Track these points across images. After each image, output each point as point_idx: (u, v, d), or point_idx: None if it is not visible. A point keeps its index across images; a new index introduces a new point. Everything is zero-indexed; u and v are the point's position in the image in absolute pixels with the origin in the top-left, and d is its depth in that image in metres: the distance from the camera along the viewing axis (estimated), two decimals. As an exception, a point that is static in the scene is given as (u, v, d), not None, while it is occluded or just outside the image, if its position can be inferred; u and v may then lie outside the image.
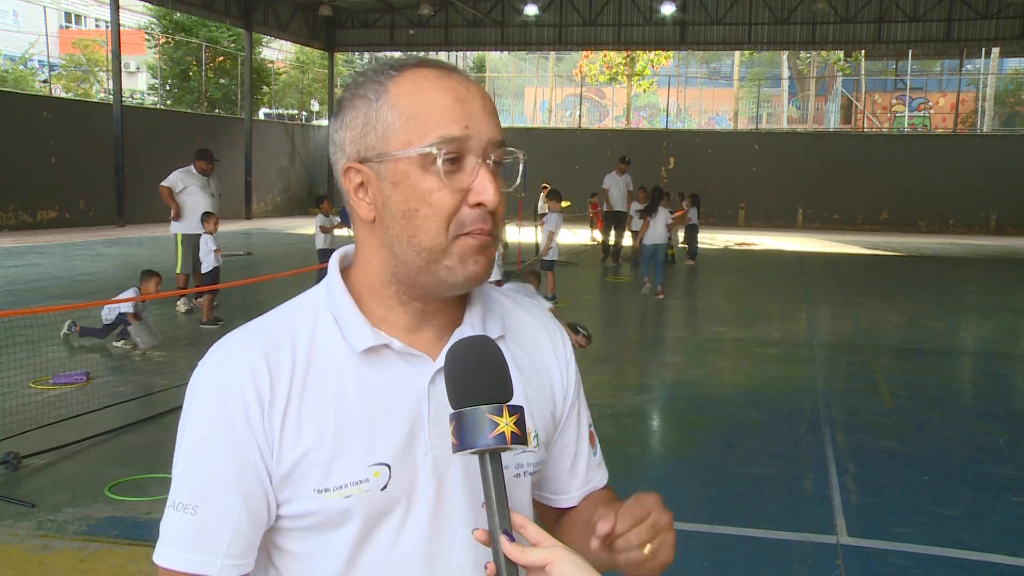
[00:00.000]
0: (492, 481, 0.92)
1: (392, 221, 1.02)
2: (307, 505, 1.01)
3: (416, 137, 0.99)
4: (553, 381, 1.18)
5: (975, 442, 5.86)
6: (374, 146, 1.02)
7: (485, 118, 1.01)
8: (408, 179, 1.00)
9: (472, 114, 1.00)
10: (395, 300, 1.06)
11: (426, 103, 1.00)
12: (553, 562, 0.88)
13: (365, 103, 1.03)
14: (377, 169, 1.02)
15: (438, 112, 0.99)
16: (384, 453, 1.01)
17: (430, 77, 1.02)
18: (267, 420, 1.00)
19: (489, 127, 1.01)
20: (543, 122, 39.93)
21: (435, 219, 0.99)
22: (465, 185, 0.99)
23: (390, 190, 1.01)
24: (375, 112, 1.02)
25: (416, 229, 1.00)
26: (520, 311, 1.20)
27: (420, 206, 1.00)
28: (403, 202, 1.01)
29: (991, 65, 35.06)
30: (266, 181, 29.53)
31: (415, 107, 1.00)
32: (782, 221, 29.95)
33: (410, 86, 1.01)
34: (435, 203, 0.99)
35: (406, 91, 1.01)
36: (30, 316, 8.29)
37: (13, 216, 20.39)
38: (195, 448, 1.01)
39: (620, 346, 9.20)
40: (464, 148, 0.99)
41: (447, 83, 1.02)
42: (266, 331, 1.05)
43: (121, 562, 3.69)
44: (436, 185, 0.99)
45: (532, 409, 1.11)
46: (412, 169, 0.99)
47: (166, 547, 1.01)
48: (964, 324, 11.47)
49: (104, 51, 30.97)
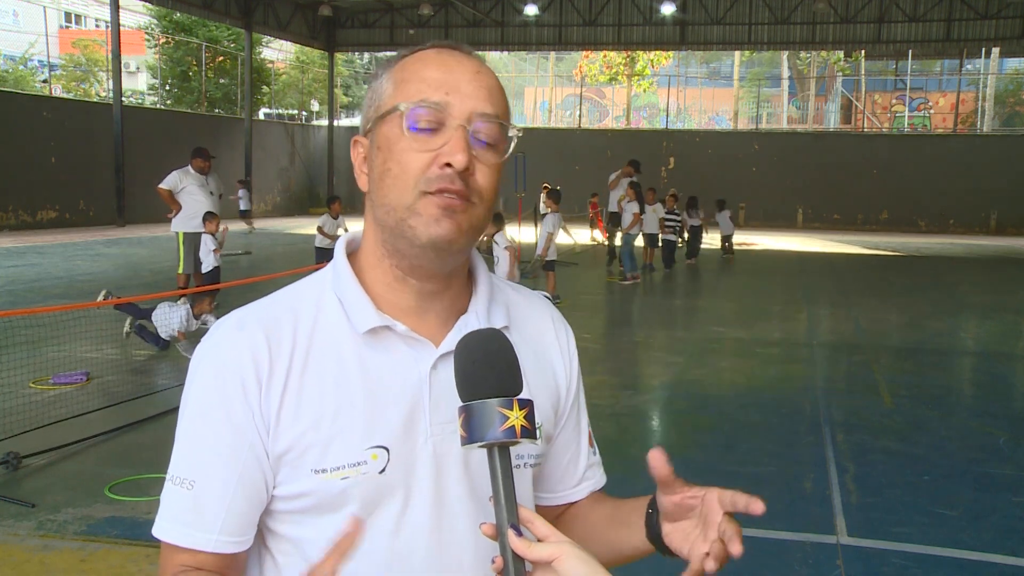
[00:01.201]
0: (500, 475, 0.91)
1: (375, 185, 1.04)
2: (304, 485, 1.00)
3: (401, 99, 1.02)
4: (557, 374, 1.18)
5: (975, 442, 5.85)
6: (371, 117, 1.06)
7: (473, 90, 1.02)
8: (388, 140, 1.02)
9: (456, 83, 1.01)
10: (391, 276, 1.07)
11: (414, 73, 1.03)
12: (561, 557, 0.88)
13: (376, 82, 1.08)
14: (372, 137, 1.06)
15: (422, 80, 1.02)
16: (383, 436, 1.01)
17: (431, 54, 1.05)
18: (265, 398, 1.00)
19: (474, 99, 1.02)
20: (543, 122, 39.94)
21: (403, 177, 1.00)
22: (437, 147, 1.00)
23: (375, 154, 1.04)
24: (378, 87, 1.07)
25: (388, 188, 1.02)
26: (526, 302, 1.20)
27: (392, 165, 1.01)
28: (382, 163, 1.03)
29: (991, 65, 35.06)
30: (266, 181, 29.54)
31: (404, 77, 1.04)
32: (782, 221, 29.96)
33: (409, 63, 1.05)
34: (405, 162, 1.00)
35: (404, 66, 1.05)
36: (30, 316, 8.28)
37: (13, 216, 20.40)
38: (193, 423, 1.02)
39: (620, 346, 9.20)
40: (443, 114, 1.00)
41: (442, 57, 1.04)
42: (268, 310, 1.06)
43: (121, 562, 3.69)
44: (408, 146, 1.00)
45: (536, 403, 1.10)
46: (392, 131, 1.02)
47: (164, 521, 1.02)
48: (964, 324, 11.47)
49: (104, 51, 30.98)
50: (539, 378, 1.14)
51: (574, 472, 1.23)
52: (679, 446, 5.78)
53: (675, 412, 6.70)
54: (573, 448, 1.22)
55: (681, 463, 3.93)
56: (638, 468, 4.00)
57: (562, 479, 1.22)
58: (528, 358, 1.13)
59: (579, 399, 1.22)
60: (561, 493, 1.23)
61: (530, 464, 1.12)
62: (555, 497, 1.23)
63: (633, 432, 6.07)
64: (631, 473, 1.15)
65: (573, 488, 1.23)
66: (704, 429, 6.10)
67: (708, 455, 5.46)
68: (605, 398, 6.63)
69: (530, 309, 1.19)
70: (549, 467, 1.20)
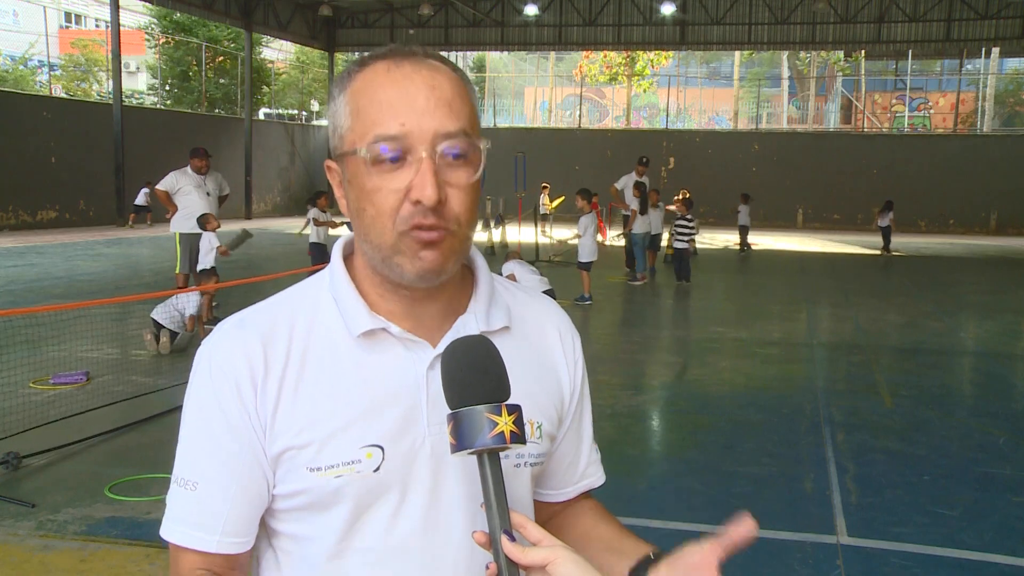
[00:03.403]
0: (491, 481, 0.91)
1: (354, 220, 1.03)
2: (300, 483, 1.01)
3: (359, 137, 0.99)
4: (560, 376, 1.18)
5: (975, 442, 5.85)
6: (337, 145, 1.04)
7: (430, 111, 0.97)
8: (357, 178, 1.00)
9: (411, 108, 0.97)
10: (383, 288, 1.07)
11: (369, 100, 0.99)
12: (555, 561, 0.88)
13: (333, 103, 1.04)
14: (342, 167, 1.04)
15: (376, 109, 0.98)
16: (377, 435, 1.02)
17: (380, 70, 1.00)
18: (260, 398, 1.01)
19: (434, 120, 0.97)
20: (543, 122, 39.92)
21: (379, 218, 0.99)
22: (405, 183, 0.97)
23: (348, 188, 1.03)
24: (336, 111, 1.03)
25: (367, 228, 1.01)
26: (531, 303, 1.19)
27: (366, 205, 1.00)
28: (355, 200, 1.01)
29: (991, 65, 35.05)
30: (266, 181, 29.54)
31: (359, 105, 1.00)
32: (782, 221, 29.95)
33: (360, 83, 1.00)
34: (377, 203, 0.98)
35: (356, 88, 1.01)
36: (30, 316, 8.29)
37: (13, 216, 20.40)
38: (193, 426, 1.04)
39: (620, 346, 9.20)
40: (405, 145, 0.97)
41: (393, 76, 0.99)
42: (265, 313, 1.07)
43: (121, 562, 3.69)
44: (377, 184, 0.98)
45: (537, 402, 1.11)
46: (359, 169, 0.99)
47: (170, 522, 1.04)
48: (964, 324, 11.47)
49: (104, 51, 31.00)
50: (541, 379, 1.14)
51: (575, 471, 1.23)
52: (679, 446, 5.78)
53: (675, 412, 6.70)
54: (575, 449, 1.23)
55: (681, 463, 3.94)
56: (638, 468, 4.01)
57: (563, 478, 1.23)
58: (530, 359, 1.13)
59: (583, 402, 1.22)
60: (561, 491, 1.23)
61: (531, 463, 1.12)
62: (555, 494, 1.24)
63: (633, 432, 6.07)
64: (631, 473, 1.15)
65: (573, 486, 1.24)
66: (704, 429, 6.09)
67: (708, 455, 5.45)
68: (605, 398, 6.63)
69: (534, 310, 1.19)
70: (551, 467, 1.21)
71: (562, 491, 1.23)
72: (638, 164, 14.76)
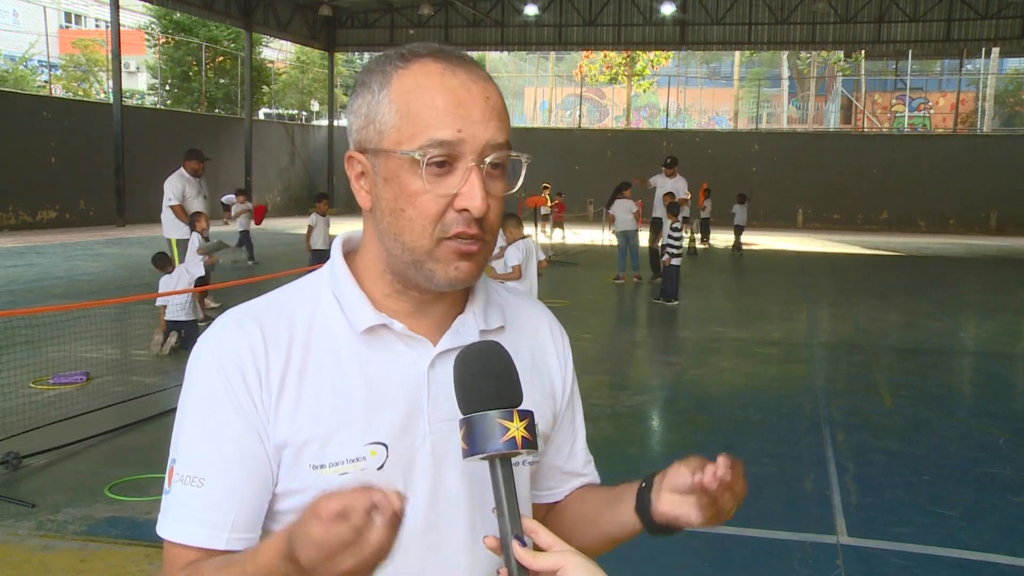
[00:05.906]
0: (503, 486, 0.91)
1: (382, 215, 1.02)
2: (303, 481, 1.00)
3: (407, 137, 0.98)
4: (553, 377, 1.19)
5: (975, 442, 5.85)
6: (372, 139, 1.01)
7: (485, 120, 0.99)
8: (398, 178, 0.99)
9: (468, 117, 0.97)
10: (391, 288, 1.06)
11: (422, 102, 0.98)
12: (565, 567, 0.88)
13: (370, 94, 1.02)
14: (373, 162, 1.02)
15: (432, 114, 0.97)
16: (381, 433, 1.01)
17: (433, 74, 0.99)
18: (264, 392, 1.00)
19: (488, 130, 0.99)
20: (543, 122, 39.95)
21: (420, 221, 0.98)
22: (453, 189, 0.97)
23: (382, 185, 1.01)
24: (376, 105, 1.01)
25: (402, 228, 1.00)
26: (523, 305, 1.20)
27: (406, 206, 0.99)
28: (392, 200, 1.00)
29: (991, 65, 35.06)
30: (266, 181, 29.54)
31: (411, 106, 0.98)
32: (782, 221, 29.96)
33: (410, 82, 0.99)
34: (420, 206, 0.98)
35: (406, 87, 0.99)
36: (30, 316, 8.28)
37: (13, 216, 20.40)
38: (197, 418, 1.01)
39: (620, 346, 9.20)
40: (456, 152, 0.97)
41: (449, 82, 0.99)
42: (264, 308, 1.06)
43: (121, 562, 3.69)
44: (422, 188, 0.97)
45: (532, 401, 1.10)
46: (402, 168, 0.98)
47: (173, 521, 1.00)
48: (964, 324, 11.47)
49: (104, 51, 30.99)
50: (535, 380, 1.15)
51: (570, 471, 1.24)
52: (679, 446, 5.78)
53: (675, 412, 6.70)
54: (568, 448, 1.23)
55: (681, 463, 3.76)
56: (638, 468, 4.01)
57: (557, 477, 1.24)
58: (524, 359, 1.13)
59: (574, 401, 1.23)
60: (555, 490, 1.24)
61: (528, 462, 1.12)
62: (549, 494, 1.24)
63: (633, 432, 6.07)
64: (631, 473, 1.16)
65: (567, 485, 1.24)
66: (704, 429, 6.09)
67: (708, 455, 5.44)
68: (605, 398, 6.63)
69: (526, 311, 1.20)
70: (545, 466, 1.21)
71: (557, 491, 1.24)
72: (664, 167, 13.94)
